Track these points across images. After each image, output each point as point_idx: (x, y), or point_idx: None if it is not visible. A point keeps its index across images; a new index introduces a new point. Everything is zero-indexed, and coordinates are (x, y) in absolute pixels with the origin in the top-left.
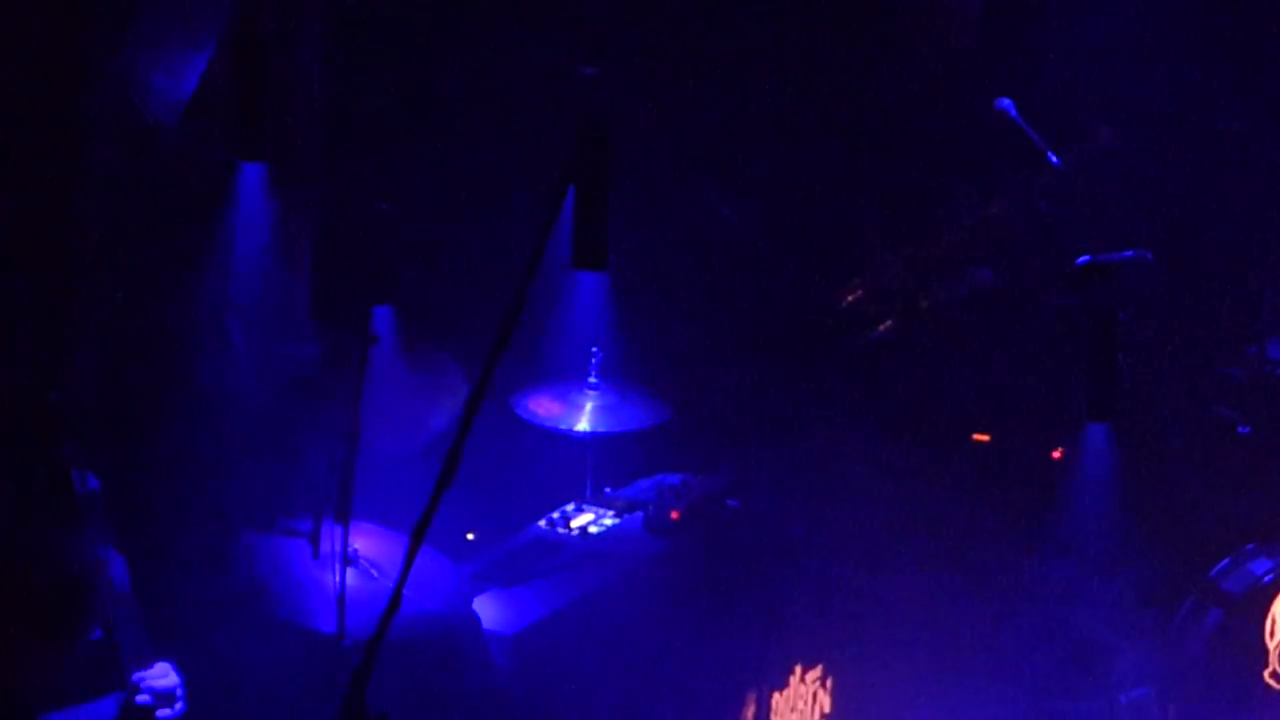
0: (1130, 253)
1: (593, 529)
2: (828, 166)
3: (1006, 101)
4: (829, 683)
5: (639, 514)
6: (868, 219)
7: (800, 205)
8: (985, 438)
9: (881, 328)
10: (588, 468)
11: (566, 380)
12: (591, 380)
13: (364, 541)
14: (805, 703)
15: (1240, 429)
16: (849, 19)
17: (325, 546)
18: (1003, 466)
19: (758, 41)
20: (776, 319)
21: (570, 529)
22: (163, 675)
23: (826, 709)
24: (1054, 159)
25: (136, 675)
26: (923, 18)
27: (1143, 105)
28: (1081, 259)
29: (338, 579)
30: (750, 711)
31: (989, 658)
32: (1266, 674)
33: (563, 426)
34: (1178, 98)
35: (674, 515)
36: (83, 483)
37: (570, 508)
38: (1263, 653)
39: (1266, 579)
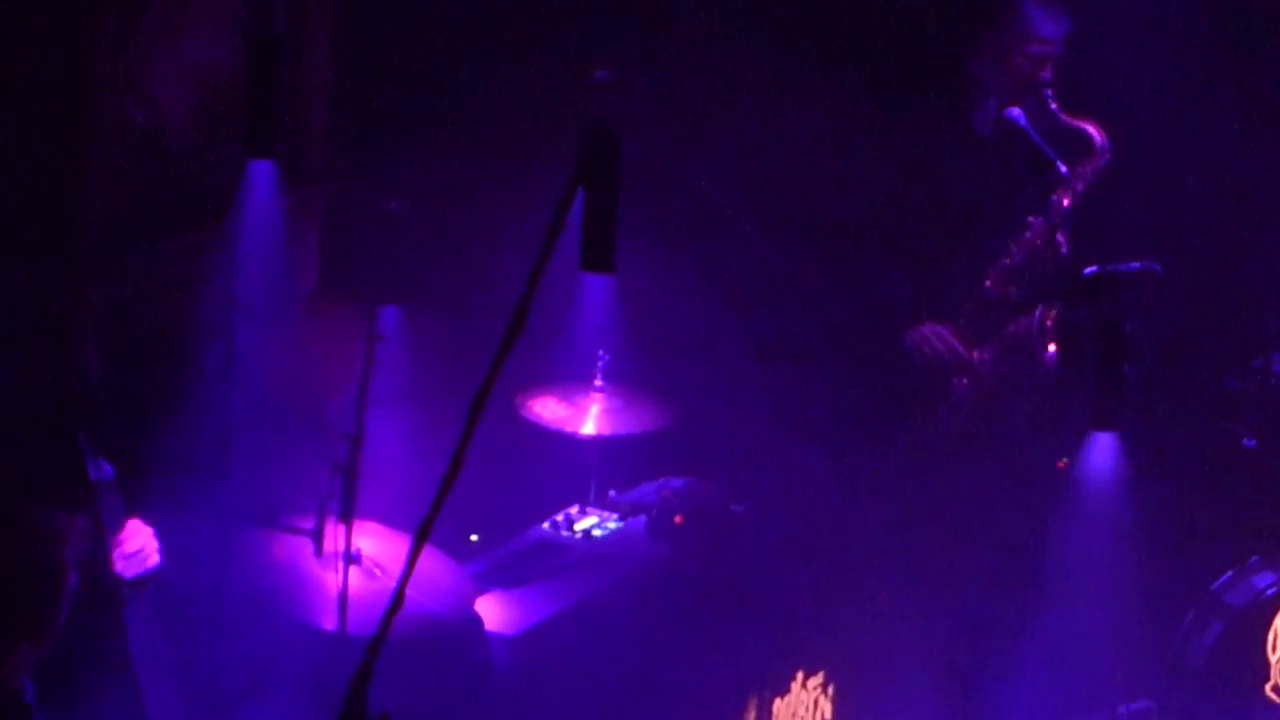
0: (1137, 264)
1: (596, 532)
2: (854, 179)
3: (1017, 111)
4: (830, 690)
5: (642, 518)
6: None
7: (818, 221)
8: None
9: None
10: (592, 470)
11: (572, 383)
12: (597, 383)
13: (367, 541)
14: (806, 709)
15: (1245, 442)
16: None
17: (328, 545)
18: (1008, 474)
19: (779, 53)
20: (787, 328)
21: (573, 532)
22: (134, 533)
23: (828, 716)
24: (1063, 168)
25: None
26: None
27: (1149, 116)
28: (1089, 269)
29: (340, 577)
30: (751, 716)
31: (992, 667)
32: (1268, 687)
33: (568, 429)
34: (1184, 109)
35: (677, 519)
36: (97, 470)
37: (574, 510)
38: (1264, 666)
39: (1269, 592)
